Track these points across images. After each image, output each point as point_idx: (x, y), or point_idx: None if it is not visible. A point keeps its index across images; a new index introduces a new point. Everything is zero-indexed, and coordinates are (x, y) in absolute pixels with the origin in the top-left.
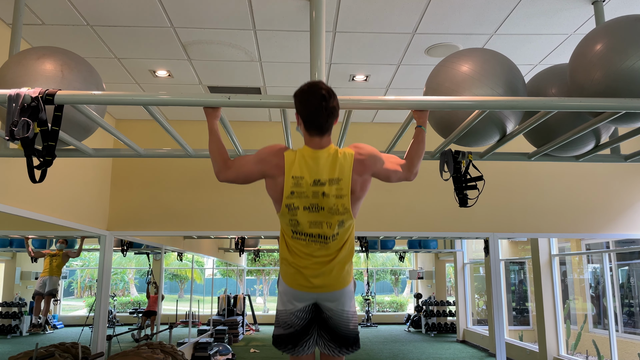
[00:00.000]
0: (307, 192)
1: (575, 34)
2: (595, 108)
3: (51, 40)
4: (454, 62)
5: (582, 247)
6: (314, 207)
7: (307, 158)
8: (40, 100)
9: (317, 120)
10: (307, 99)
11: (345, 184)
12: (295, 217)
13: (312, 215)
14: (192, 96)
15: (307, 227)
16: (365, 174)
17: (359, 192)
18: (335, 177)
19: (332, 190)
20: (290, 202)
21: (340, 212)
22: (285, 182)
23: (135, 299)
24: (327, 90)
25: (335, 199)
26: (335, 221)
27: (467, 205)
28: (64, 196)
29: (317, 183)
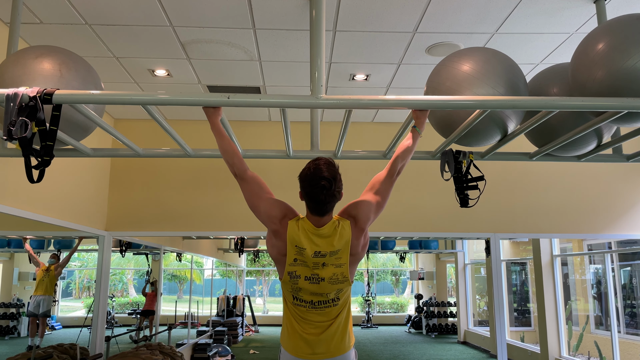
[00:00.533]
0: (308, 262)
1: (577, 33)
2: (597, 107)
3: (49, 39)
4: (454, 62)
5: (584, 248)
6: (314, 278)
7: (309, 233)
8: (38, 99)
9: (317, 206)
10: (309, 185)
11: (344, 254)
12: (297, 285)
13: (312, 286)
14: (191, 96)
15: (308, 295)
16: (364, 233)
17: (360, 252)
18: (335, 250)
19: (331, 260)
20: (292, 270)
21: (340, 280)
22: (289, 250)
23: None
24: (328, 179)
25: (335, 268)
26: (334, 290)
27: (468, 206)
28: (62, 196)
29: (317, 255)
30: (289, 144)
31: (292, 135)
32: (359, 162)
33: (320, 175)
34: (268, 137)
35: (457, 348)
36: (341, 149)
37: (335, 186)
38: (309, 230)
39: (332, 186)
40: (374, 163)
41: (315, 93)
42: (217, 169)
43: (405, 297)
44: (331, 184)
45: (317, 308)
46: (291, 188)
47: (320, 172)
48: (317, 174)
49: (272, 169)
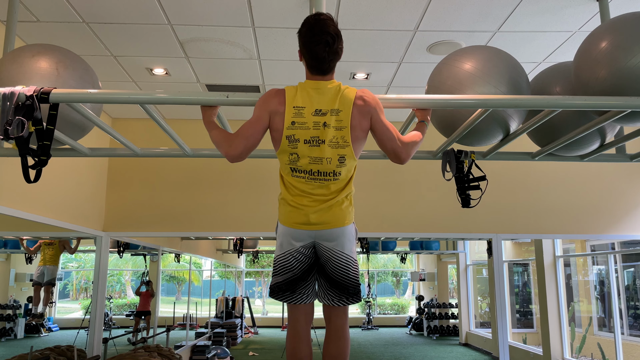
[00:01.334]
0: (309, 122)
1: (580, 31)
2: (601, 107)
3: (46, 37)
4: (456, 60)
5: (587, 249)
6: (315, 140)
7: (309, 89)
8: (35, 98)
9: (319, 63)
10: (311, 41)
11: (345, 116)
12: (295, 151)
13: (312, 149)
14: (190, 94)
15: (307, 162)
16: (365, 113)
17: (359, 130)
18: (335, 108)
19: (332, 120)
20: (291, 134)
21: (341, 145)
22: (287, 112)
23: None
24: (332, 35)
25: (335, 131)
26: (335, 155)
27: (469, 206)
28: (59, 196)
29: (318, 113)
30: None
31: None
32: (359, 161)
33: (324, 30)
34: (267, 136)
35: (459, 350)
36: None
37: (338, 42)
38: (309, 86)
39: (335, 42)
40: (375, 162)
41: None
42: (216, 169)
43: (406, 298)
44: (335, 39)
45: (316, 179)
46: None
47: (323, 27)
48: (321, 29)
49: (272, 169)
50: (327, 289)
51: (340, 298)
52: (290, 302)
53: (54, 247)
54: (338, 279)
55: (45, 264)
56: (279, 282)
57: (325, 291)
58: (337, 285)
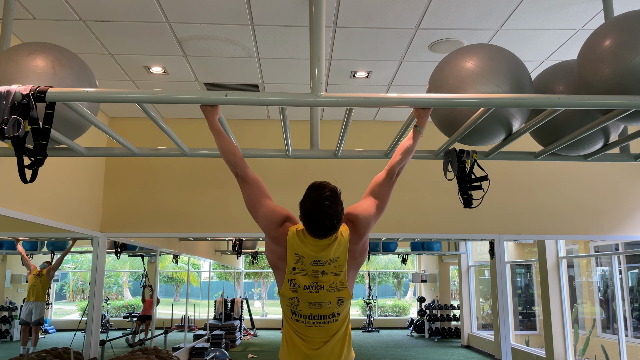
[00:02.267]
0: (308, 270)
1: (584, 29)
2: (604, 106)
3: (42, 35)
4: (458, 59)
5: (591, 249)
6: (314, 286)
7: (309, 244)
8: (31, 97)
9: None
10: (311, 221)
11: (342, 261)
12: (296, 295)
13: (311, 295)
14: (188, 93)
15: (307, 307)
16: (363, 239)
17: (359, 257)
18: (333, 257)
19: (330, 267)
20: (292, 278)
21: (338, 288)
22: (288, 257)
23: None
24: (331, 218)
25: (334, 277)
26: (333, 299)
27: (471, 206)
28: (56, 197)
29: (316, 263)
30: (288, 143)
31: (292, 134)
32: (359, 161)
33: (324, 213)
34: (267, 136)
35: (461, 352)
36: (342, 148)
37: (337, 221)
38: (309, 241)
39: (334, 222)
40: (375, 162)
41: (315, 91)
42: (214, 169)
43: (407, 300)
44: (333, 220)
45: (316, 323)
46: (290, 188)
47: (323, 208)
48: (320, 211)
49: (271, 169)
50: None
51: None
52: None
53: (43, 279)
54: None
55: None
56: None
57: None
58: None
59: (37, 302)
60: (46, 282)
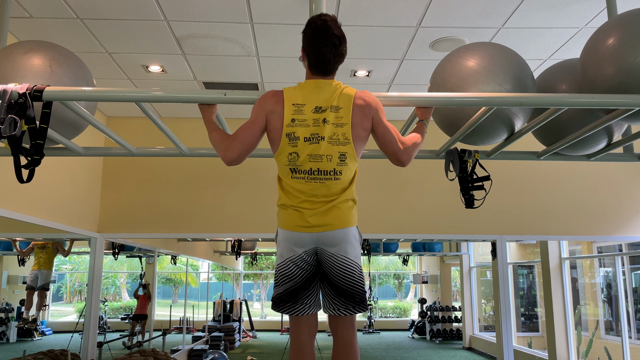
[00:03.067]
0: (308, 119)
1: (587, 28)
2: (608, 105)
3: (39, 34)
4: (459, 57)
5: (594, 250)
6: (314, 137)
7: (309, 87)
8: (28, 96)
9: (322, 65)
10: (317, 42)
11: (345, 113)
12: (295, 150)
13: (312, 147)
14: (187, 92)
15: (307, 161)
16: (366, 113)
17: (360, 128)
18: (335, 105)
19: (332, 117)
20: (291, 131)
21: (341, 141)
22: (286, 110)
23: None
24: (339, 37)
25: (335, 127)
26: (335, 153)
27: (473, 207)
28: (53, 197)
29: (318, 110)
30: None
31: None
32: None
33: (331, 33)
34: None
35: (462, 354)
36: None
37: (344, 45)
38: (309, 84)
39: (341, 44)
40: (376, 162)
41: None
42: (213, 169)
43: (408, 301)
44: (341, 42)
45: (317, 179)
46: None
47: (330, 29)
48: (327, 31)
49: (271, 169)
50: (332, 297)
51: (347, 307)
52: (292, 313)
53: (48, 251)
54: (343, 287)
55: (39, 267)
56: (280, 293)
57: (330, 300)
58: (342, 293)
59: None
60: (51, 253)
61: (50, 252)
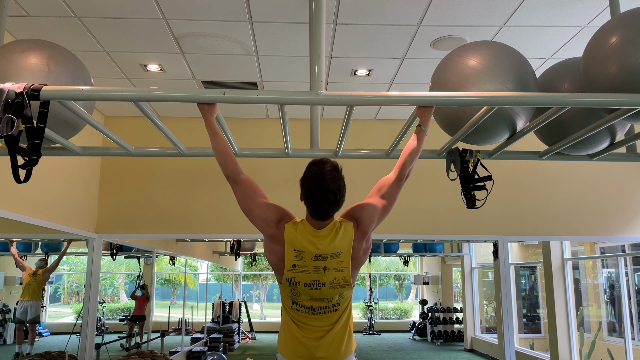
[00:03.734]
0: (309, 266)
1: (589, 26)
2: (611, 104)
3: (36, 32)
4: (461, 56)
5: (597, 251)
6: (315, 284)
7: (308, 235)
8: (25, 95)
9: (320, 215)
10: (313, 196)
11: (345, 257)
12: (297, 290)
13: (313, 292)
14: (185, 92)
15: (308, 300)
16: (367, 236)
17: (362, 256)
18: (336, 252)
19: (333, 263)
20: (292, 276)
21: (341, 285)
22: (287, 254)
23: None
24: (334, 192)
25: (336, 272)
26: (335, 295)
27: (475, 207)
28: (50, 197)
29: (318, 258)
30: (287, 143)
31: (291, 133)
32: (360, 161)
33: (325, 188)
34: (266, 135)
35: (464, 356)
36: (342, 147)
37: (340, 196)
38: (309, 232)
39: (337, 198)
40: (377, 162)
41: (314, 89)
42: (212, 169)
43: (409, 302)
44: (336, 196)
45: (316, 313)
46: (290, 188)
47: (325, 183)
48: (322, 185)
49: (270, 169)
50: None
51: None
52: None
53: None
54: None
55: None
56: None
57: None
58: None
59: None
60: (41, 281)
61: (40, 279)
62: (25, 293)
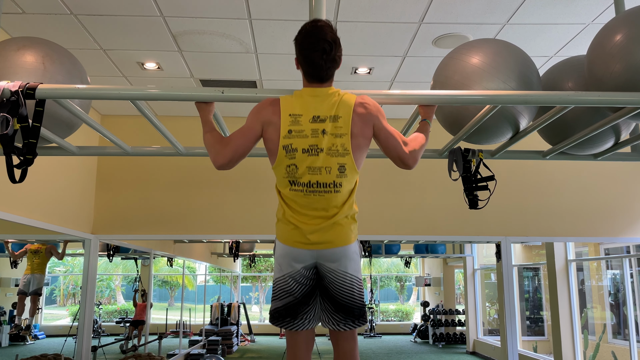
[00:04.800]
0: (306, 130)
1: (594, 24)
2: (615, 103)
3: (32, 30)
4: (463, 54)
5: (601, 252)
6: (313, 149)
7: (306, 96)
8: (20, 94)
9: (316, 72)
10: (307, 49)
11: (344, 122)
12: (293, 162)
13: (310, 159)
14: (183, 90)
15: (306, 173)
16: (367, 120)
17: (360, 137)
18: (334, 114)
19: (331, 127)
20: (288, 143)
21: (340, 153)
22: (282, 121)
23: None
24: (330, 42)
25: (334, 138)
26: (334, 164)
27: (477, 207)
28: (46, 197)
29: (316, 120)
30: None
31: None
32: None
33: (321, 37)
34: None
35: (466, 359)
36: None
37: (336, 50)
38: (306, 93)
39: (333, 49)
40: (378, 162)
41: None
42: (211, 169)
43: (410, 304)
44: (332, 46)
45: (316, 192)
46: None
47: (320, 34)
48: (318, 36)
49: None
50: (331, 312)
51: (346, 322)
52: (291, 328)
53: (41, 255)
54: (342, 301)
55: (32, 272)
56: (279, 308)
57: (330, 315)
58: (342, 308)
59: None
60: (44, 257)
61: (43, 256)
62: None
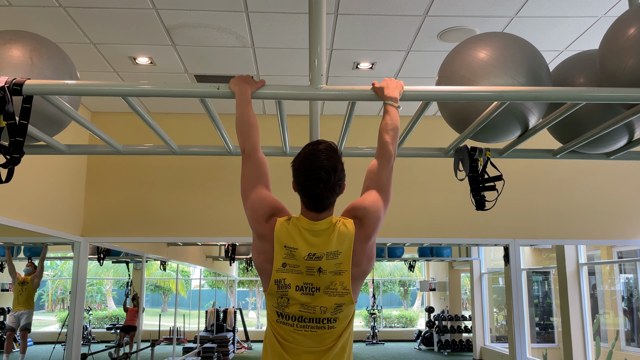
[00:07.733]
0: (301, 267)
1: (606, 17)
2: (629, 99)
3: (19, 23)
4: (470, 48)
5: (614, 256)
6: (308, 288)
7: (302, 230)
8: (6, 90)
9: (313, 202)
10: (303, 176)
11: (345, 258)
12: (285, 296)
13: (304, 297)
14: (177, 86)
15: (297, 309)
16: (371, 239)
17: (366, 264)
18: (333, 250)
19: (329, 265)
20: (281, 277)
21: (339, 292)
22: (276, 252)
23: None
24: (327, 170)
25: (333, 276)
26: (331, 305)
27: (484, 209)
28: (33, 198)
29: (312, 257)
30: (285, 140)
31: (290, 130)
32: (363, 159)
33: (318, 165)
34: (263, 132)
35: None
36: (343, 145)
37: (336, 178)
38: (303, 226)
39: (331, 178)
40: None
41: (314, 83)
42: (206, 168)
43: (414, 310)
44: (330, 175)
45: (306, 328)
46: (288, 188)
47: (317, 160)
48: (314, 163)
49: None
50: None
51: None
52: None
53: (27, 286)
54: None
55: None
56: None
57: None
58: None
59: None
60: (32, 289)
61: (30, 287)
62: (16, 303)
